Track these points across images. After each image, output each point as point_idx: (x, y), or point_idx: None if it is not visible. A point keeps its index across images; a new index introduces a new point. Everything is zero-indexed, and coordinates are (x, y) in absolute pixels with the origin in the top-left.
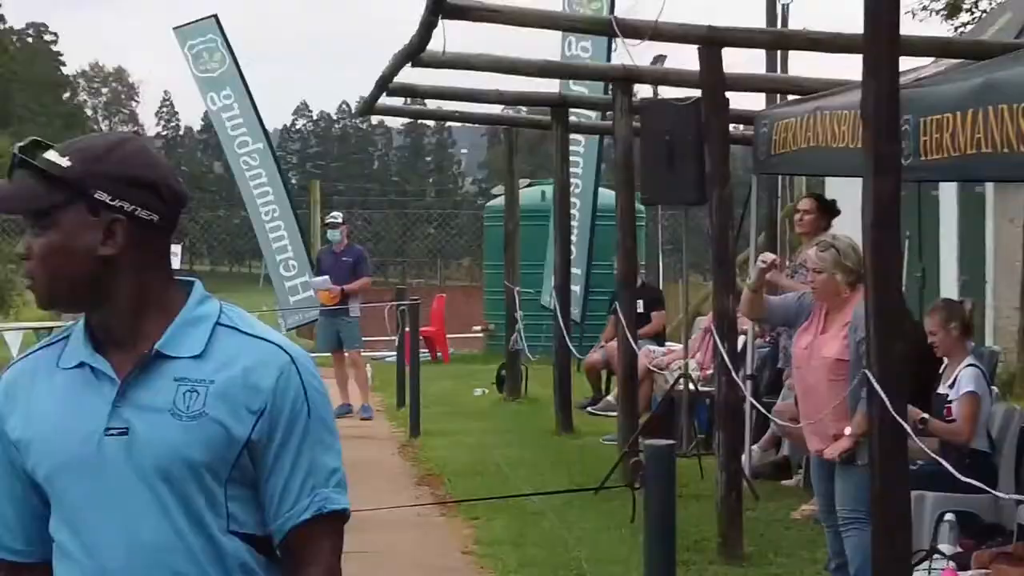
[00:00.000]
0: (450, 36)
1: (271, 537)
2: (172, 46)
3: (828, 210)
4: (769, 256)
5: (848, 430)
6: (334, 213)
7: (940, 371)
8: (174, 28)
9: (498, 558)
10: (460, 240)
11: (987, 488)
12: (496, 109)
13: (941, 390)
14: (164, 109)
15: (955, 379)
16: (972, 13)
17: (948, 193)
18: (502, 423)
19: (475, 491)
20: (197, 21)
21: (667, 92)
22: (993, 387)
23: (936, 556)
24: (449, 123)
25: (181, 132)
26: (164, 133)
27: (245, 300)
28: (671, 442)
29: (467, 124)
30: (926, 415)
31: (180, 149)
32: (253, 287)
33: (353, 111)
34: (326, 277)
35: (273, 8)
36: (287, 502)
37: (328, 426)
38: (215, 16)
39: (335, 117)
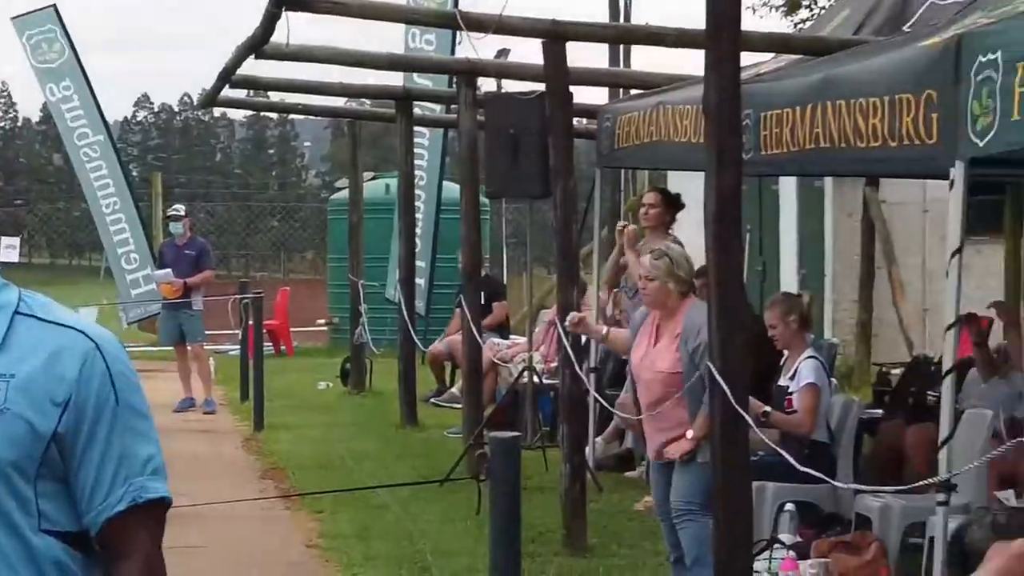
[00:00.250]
0: (294, 28)
1: (87, 532)
2: (10, 36)
3: (673, 204)
4: (575, 316)
5: (690, 433)
6: (176, 206)
7: (780, 363)
8: (12, 18)
9: (343, 551)
10: (304, 233)
11: (826, 478)
12: (340, 102)
13: (782, 382)
14: (1, 100)
15: (795, 371)
16: (811, 10)
17: (788, 188)
18: (347, 416)
19: (320, 484)
20: (35, 11)
21: (511, 86)
22: (832, 379)
23: (776, 546)
24: (292, 116)
25: (19, 123)
26: (2, 124)
27: (86, 293)
28: (516, 434)
29: (310, 117)
30: (768, 408)
31: (19, 141)
32: (94, 280)
33: (195, 103)
34: (168, 270)
35: None
36: (99, 494)
37: (139, 412)
38: (54, 6)
39: (177, 109)
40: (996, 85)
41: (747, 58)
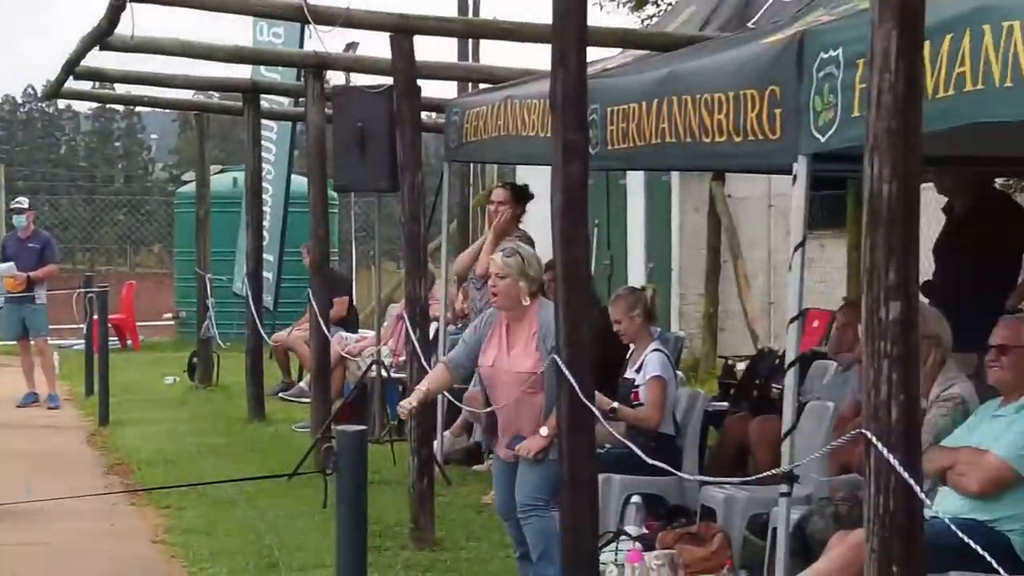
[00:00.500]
0: (140, 20)
1: None
2: None
3: (522, 197)
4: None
5: (544, 430)
6: (19, 199)
7: (627, 356)
8: None
9: (189, 547)
10: (150, 227)
11: (672, 470)
12: (187, 95)
13: (628, 375)
14: None
15: (641, 364)
16: (658, 6)
17: (635, 182)
18: (194, 411)
19: (166, 480)
20: None
21: (360, 79)
22: (678, 371)
23: (622, 538)
24: (139, 108)
25: None
26: None
27: None
28: (362, 428)
29: (157, 109)
30: (615, 404)
31: None
32: None
33: (39, 95)
34: (11, 264)
35: None
36: None
37: None
38: None
39: (20, 100)
40: (837, 81)
41: (593, 53)
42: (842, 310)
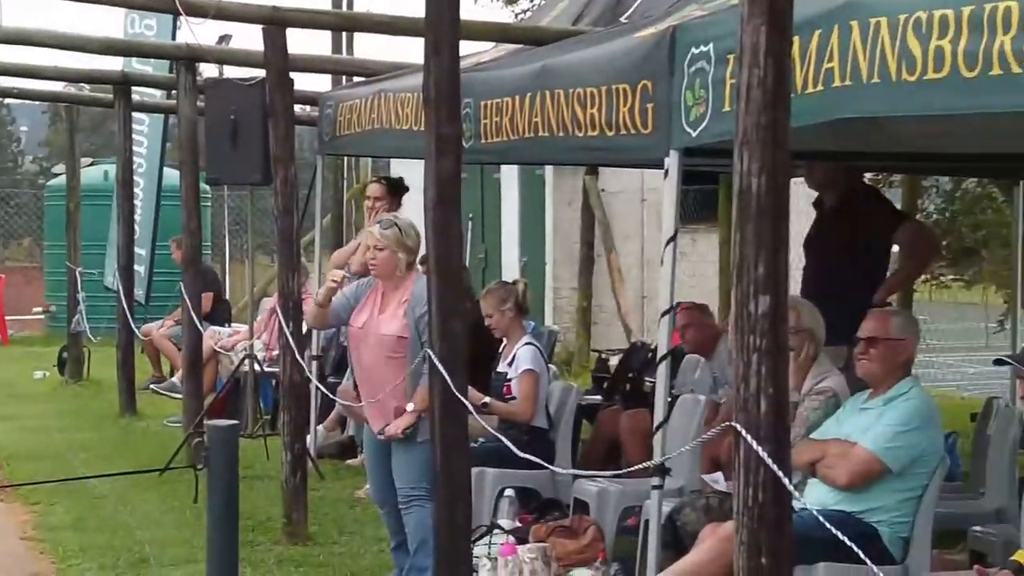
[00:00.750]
0: (13, 12)
1: None
2: None
3: (397, 190)
4: (338, 274)
5: (410, 406)
6: None
7: (500, 350)
8: None
9: (58, 543)
10: (20, 220)
11: (545, 464)
12: (58, 86)
13: (500, 368)
14: None
15: (513, 357)
16: (531, 0)
17: (510, 176)
18: (64, 406)
19: (35, 476)
20: None
21: (233, 72)
22: (552, 365)
23: (496, 531)
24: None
25: None
26: None
27: None
28: (234, 423)
29: (27, 101)
30: (488, 399)
31: None
32: None
33: None
34: None
35: None
36: None
37: None
38: None
39: None
40: (708, 76)
41: (467, 47)
42: (682, 312)
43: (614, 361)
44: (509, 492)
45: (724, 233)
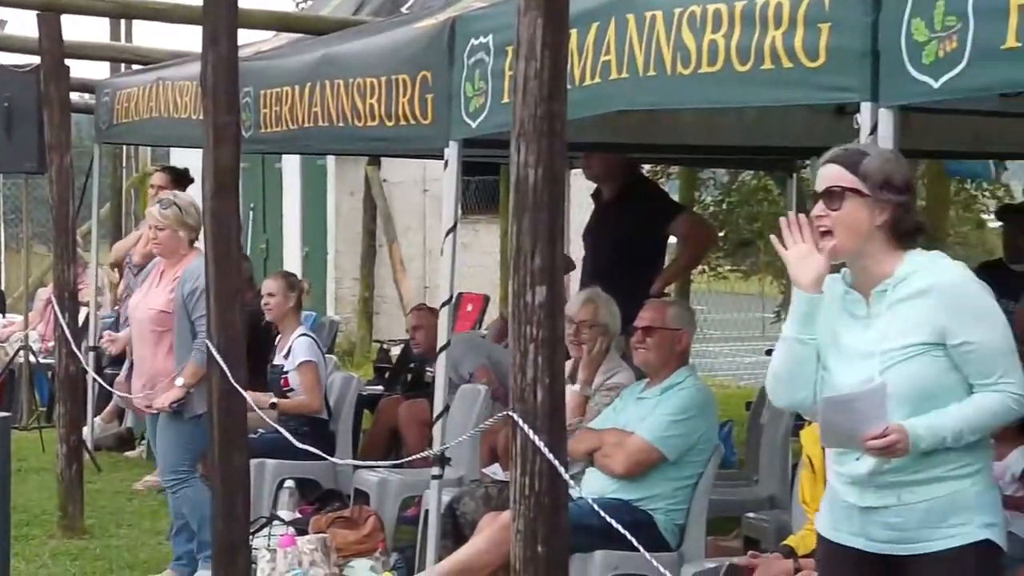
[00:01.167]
0: None
1: None
2: None
3: (181, 180)
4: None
5: (179, 380)
6: None
7: (275, 343)
8: None
9: None
10: None
11: (323, 455)
12: None
13: (276, 361)
14: None
15: (289, 349)
16: None
17: (291, 166)
18: None
19: None
20: None
21: (6, 58)
22: (332, 355)
23: (275, 522)
24: None
25: None
26: None
27: None
28: (7, 415)
29: None
30: (275, 399)
31: None
32: None
33: None
34: None
35: None
36: None
37: None
38: None
39: None
40: (488, 68)
41: (247, 36)
42: (413, 312)
43: (396, 351)
44: (289, 483)
45: (505, 224)
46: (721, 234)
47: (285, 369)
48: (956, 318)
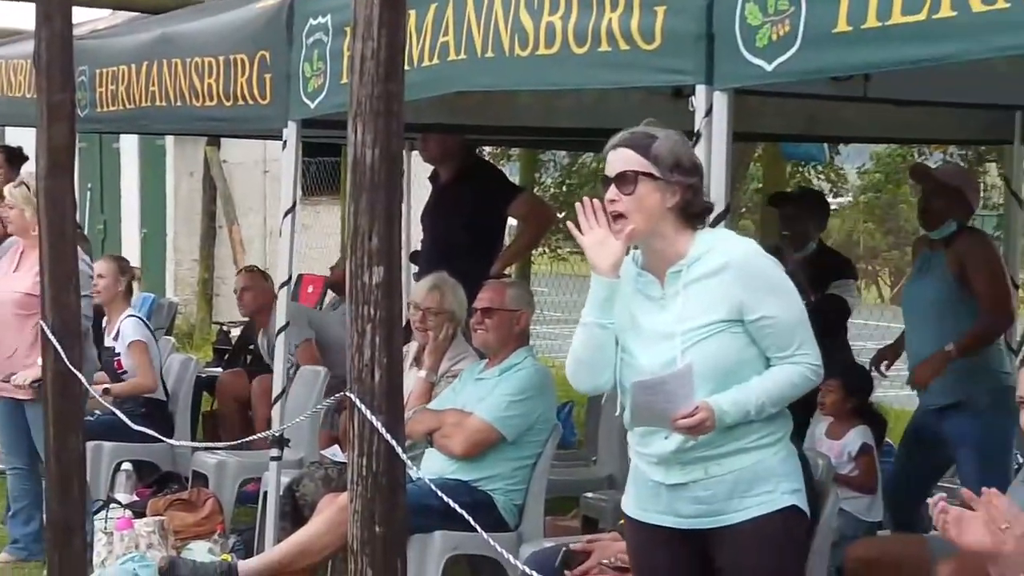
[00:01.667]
0: None
1: None
2: None
3: (15, 158)
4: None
5: (40, 360)
6: None
7: (103, 327)
8: None
9: None
10: None
11: (162, 437)
12: None
13: (107, 343)
14: None
15: (117, 331)
16: None
17: (130, 146)
18: None
19: None
20: None
21: None
22: (171, 337)
23: (112, 505)
24: None
25: None
26: None
27: None
28: None
29: None
30: (108, 384)
31: None
32: None
33: None
34: None
35: None
36: None
37: None
38: None
39: None
40: (326, 48)
41: (82, 14)
42: (241, 274)
43: (236, 333)
44: (126, 466)
45: (345, 205)
46: (561, 216)
47: (117, 351)
48: (752, 294)
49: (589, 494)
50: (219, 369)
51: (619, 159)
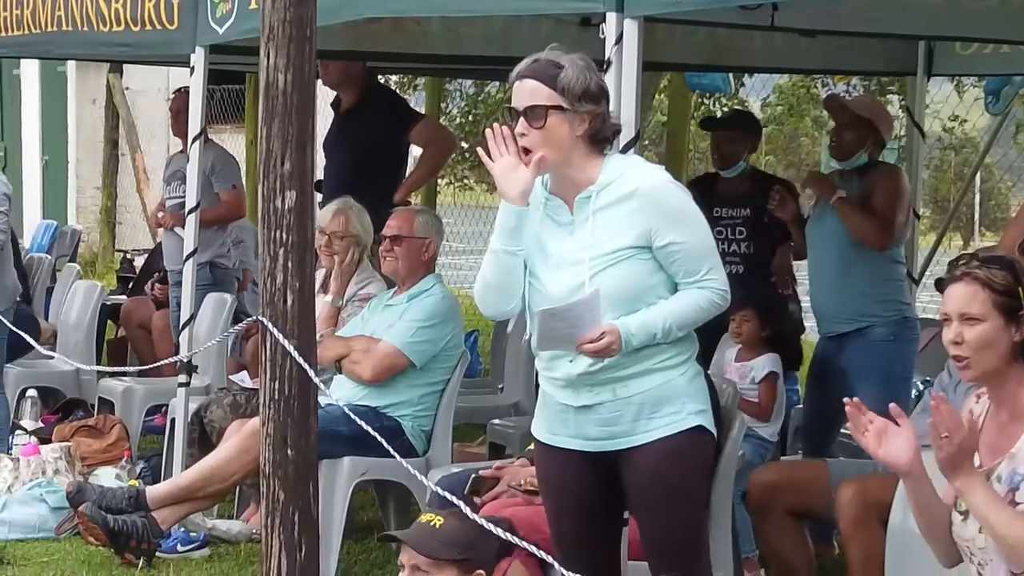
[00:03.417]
0: None
1: None
2: None
3: None
4: None
5: None
6: None
7: None
8: None
9: None
10: None
11: (71, 362)
12: None
13: None
14: None
15: None
16: None
17: (30, 72)
18: None
19: None
20: None
21: None
22: (75, 264)
23: (18, 432)
24: None
25: None
26: None
27: None
28: None
29: None
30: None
31: None
32: None
33: None
34: None
35: None
36: None
37: None
38: None
39: None
40: None
41: None
42: None
43: (139, 261)
44: (32, 392)
45: (251, 133)
46: (466, 145)
47: None
48: (661, 220)
49: (496, 421)
50: (123, 297)
51: (526, 91)
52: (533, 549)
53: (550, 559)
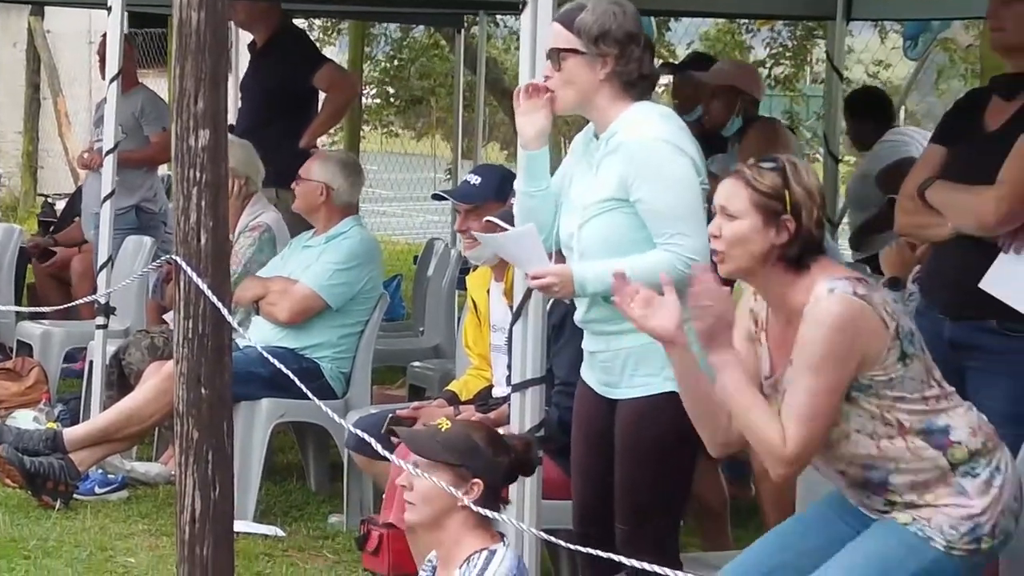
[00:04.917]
0: None
1: None
2: None
3: None
4: None
5: None
6: None
7: None
8: None
9: None
10: None
11: None
12: None
13: None
14: None
15: None
16: None
17: None
18: None
19: None
20: None
21: None
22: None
23: None
24: None
25: None
26: None
27: None
28: None
29: None
30: None
31: None
32: None
33: None
34: None
35: None
36: None
37: None
38: None
39: None
40: None
41: None
42: None
43: (60, 205)
44: None
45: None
46: (392, 91)
47: None
48: (634, 175)
49: (416, 364)
50: (46, 238)
51: (551, 35)
52: None
53: None
